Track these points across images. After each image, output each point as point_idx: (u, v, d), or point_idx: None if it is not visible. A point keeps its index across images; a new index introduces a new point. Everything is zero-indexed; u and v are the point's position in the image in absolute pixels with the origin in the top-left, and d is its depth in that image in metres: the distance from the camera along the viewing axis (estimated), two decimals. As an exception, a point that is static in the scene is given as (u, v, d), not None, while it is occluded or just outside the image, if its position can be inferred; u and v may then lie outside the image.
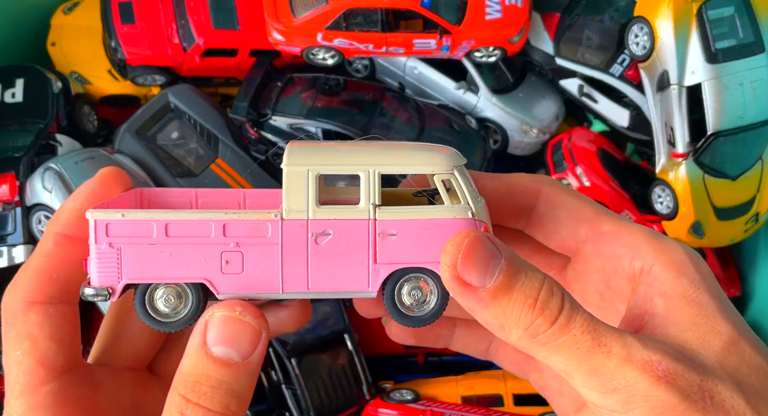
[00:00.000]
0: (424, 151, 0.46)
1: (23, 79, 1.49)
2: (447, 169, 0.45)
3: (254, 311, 0.42)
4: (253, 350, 0.41)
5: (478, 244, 0.41)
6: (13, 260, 1.32)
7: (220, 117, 1.56)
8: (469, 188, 0.46)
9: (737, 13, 1.31)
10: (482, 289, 0.40)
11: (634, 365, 0.38)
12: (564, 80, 1.59)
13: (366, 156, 0.45)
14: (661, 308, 0.42)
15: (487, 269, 0.40)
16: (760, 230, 1.48)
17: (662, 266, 0.43)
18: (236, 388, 0.41)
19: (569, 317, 0.39)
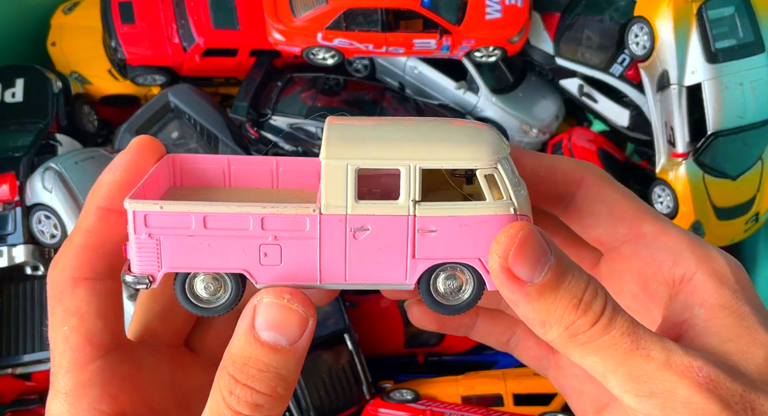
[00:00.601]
0: (467, 144, 0.44)
1: (23, 79, 1.49)
2: (491, 163, 0.44)
3: (302, 298, 0.43)
4: (300, 336, 0.42)
5: (532, 239, 0.40)
6: (13, 260, 1.32)
7: (220, 117, 1.56)
8: (512, 178, 0.44)
9: (737, 13, 1.31)
10: (530, 284, 0.40)
11: (673, 370, 0.37)
12: (564, 80, 1.59)
13: (407, 150, 0.44)
14: (701, 318, 0.41)
15: (537, 264, 0.40)
16: (760, 230, 1.48)
17: (704, 276, 0.42)
18: (283, 372, 0.41)
19: (611, 318, 0.39)
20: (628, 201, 0.47)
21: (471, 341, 1.50)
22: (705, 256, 0.43)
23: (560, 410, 1.33)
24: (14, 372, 1.38)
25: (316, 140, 1.51)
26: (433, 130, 0.47)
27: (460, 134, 0.46)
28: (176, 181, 0.53)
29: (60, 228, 1.32)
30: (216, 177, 0.53)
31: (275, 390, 0.41)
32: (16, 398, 1.43)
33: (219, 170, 0.53)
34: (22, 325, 1.36)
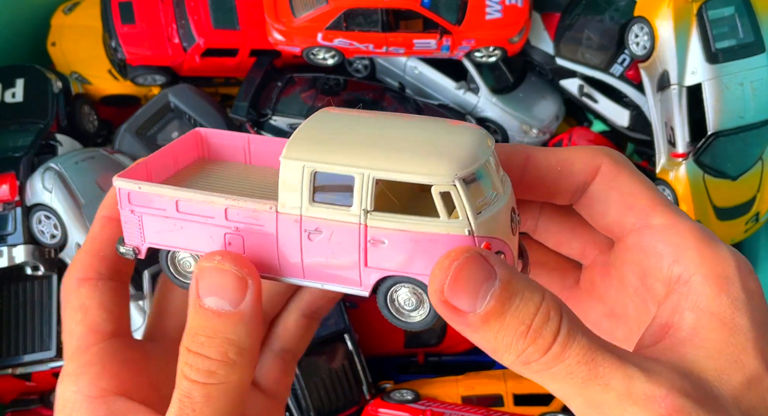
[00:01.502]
0: (426, 157, 0.42)
1: (23, 79, 1.49)
2: (447, 181, 0.41)
3: (236, 258, 0.42)
4: (241, 298, 0.41)
5: (469, 266, 0.37)
6: (13, 260, 1.32)
7: (220, 117, 1.56)
8: (471, 203, 0.41)
9: (737, 13, 1.31)
10: (472, 314, 0.37)
11: (634, 401, 0.35)
12: (564, 80, 1.59)
13: (364, 158, 0.42)
14: (688, 324, 0.38)
15: (477, 293, 0.37)
16: (760, 230, 1.48)
17: (703, 278, 0.39)
18: (233, 337, 0.41)
19: (564, 345, 0.36)
20: (643, 190, 0.44)
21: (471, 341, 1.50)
22: (710, 256, 0.40)
23: (560, 410, 1.33)
24: (14, 372, 1.38)
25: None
26: (405, 136, 0.44)
27: (427, 145, 0.43)
28: (204, 153, 0.56)
29: (60, 228, 1.32)
30: (237, 154, 0.55)
31: (226, 355, 0.41)
32: (16, 398, 1.43)
33: (240, 147, 0.55)
34: (22, 325, 1.36)
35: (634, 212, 0.44)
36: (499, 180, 0.44)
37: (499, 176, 0.44)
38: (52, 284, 1.37)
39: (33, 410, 1.40)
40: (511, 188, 0.45)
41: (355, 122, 0.47)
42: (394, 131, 0.45)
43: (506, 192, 0.44)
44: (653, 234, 0.43)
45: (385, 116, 0.48)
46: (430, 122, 0.47)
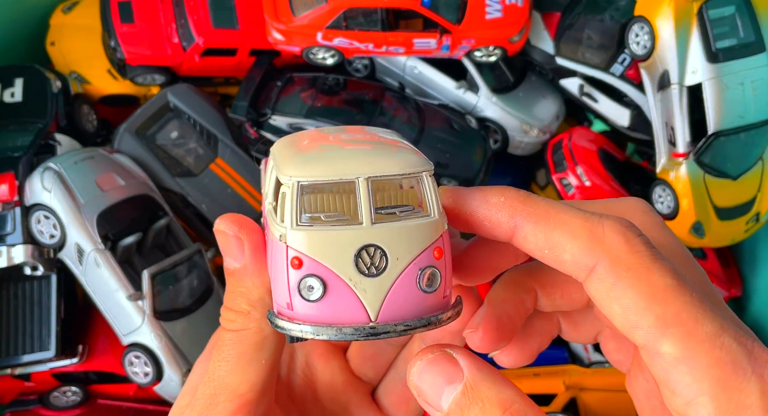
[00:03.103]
0: (305, 160, 0.40)
1: (22, 79, 1.49)
2: (286, 180, 0.39)
3: (231, 218, 0.44)
4: (242, 254, 0.44)
5: (433, 367, 0.37)
6: (12, 260, 1.32)
7: (219, 117, 1.55)
8: (294, 208, 0.39)
9: (738, 13, 1.31)
10: (440, 413, 0.37)
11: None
12: (564, 80, 1.59)
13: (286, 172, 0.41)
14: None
15: (441, 395, 0.37)
16: (760, 230, 1.47)
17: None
18: (242, 290, 0.44)
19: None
20: (656, 302, 0.34)
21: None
22: (730, 406, 0.33)
23: (560, 410, 1.33)
24: (13, 372, 1.38)
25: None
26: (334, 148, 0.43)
27: (332, 153, 0.42)
28: None
29: (59, 228, 1.32)
30: None
31: (240, 306, 0.44)
32: (16, 398, 1.43)
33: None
34: (22, 325, 1.36)
35: (641, 332, 0.35)
36: (368, 211, 0.38)
37: (371, 208, 0.39)
38: (51, 284, 1.37)
39: (32, 410, 1.39)
40: (402, 238, 0.39)
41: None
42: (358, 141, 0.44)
43: (368, 226, 0.39)
44: (663, 365, 0.35)
45: (347, 136, 0.45)
46: (377, 145, 0.44)
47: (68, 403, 1.40)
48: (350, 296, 0.38)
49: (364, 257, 0.38)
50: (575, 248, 0.37)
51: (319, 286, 0.38)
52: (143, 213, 1.40)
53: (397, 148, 0.41)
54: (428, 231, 0.39)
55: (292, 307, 0.38)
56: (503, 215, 0.39)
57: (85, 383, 1.43)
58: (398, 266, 0.38)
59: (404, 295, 0.38)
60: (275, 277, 0.39)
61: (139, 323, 1.31)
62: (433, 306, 0.39)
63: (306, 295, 0.38)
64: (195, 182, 1.51)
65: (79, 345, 1.40)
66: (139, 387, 1.41)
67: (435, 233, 0.39)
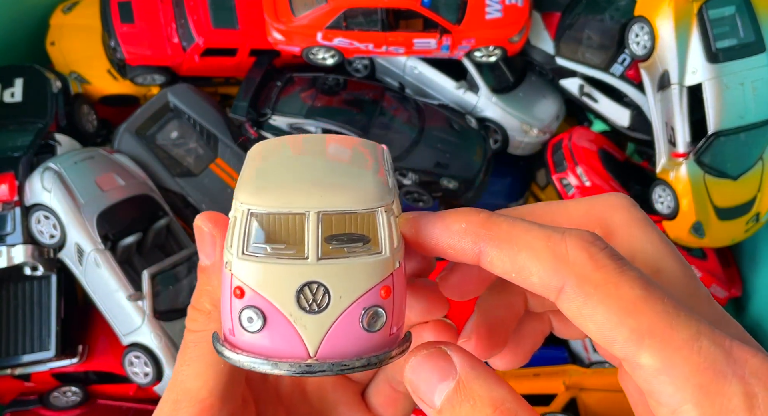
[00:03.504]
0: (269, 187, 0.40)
1: (22, 79, 1.49)
2: (238, 205, 0.39)
3: (210, 215, 0.43)
4: (213, 252, 0.43)
5: (426, 364, 0.37)
6: (12, 260, 1.32)
7: (219, 117, 1.55)
8: (242, 236, 0.38)
9: (738, 13, 1.31)
10: (434, 409, 0.37)
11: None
12: (564, 80, 1.59)
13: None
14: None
15: (434, 392, 0.37)
16: (760, 230, 1.47)
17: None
18: (208, 288, 0.44)
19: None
20: (629, 317, 0.34)
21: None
22: (710, 412, 0.33)
23: (560, 410, 1.33)
24: (13, 372, 1.38)
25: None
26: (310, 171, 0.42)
27: (305, 177, 0.41)
28: None
29: (59, 228, 1.32)
30: None
31: (203, 306, 0.44)
32: (16, 398, 1.43)
33: None
34: (21, 325, 1.36)
35: (618, 347, 0.35)
36: (315, 246, 0.38)
37: (318, 243, 0.38)
38: (51, 285, 1.37)
39: (32, 410, 1.39)
40: (347, 281, 0.38)
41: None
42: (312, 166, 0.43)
43: (313, 262, 0.38)
44: (645, 377, 0.34)
45: (309, 156, 0.44)
46: (334, 165, 0.43)
47: (68, 403, 1.40)
48: (290, 331, 0.38)
49: (307, 293, 0.38)
50: (541, 270, 0.36)
51: (258, 318, 0.38)
52: (143, 213, 1.41)
53: (360, 176, 0.40)
54: (376, 270, 0.38)
55: (234, 334, 0.38)
56: (466, 242, 0.39)
57: (85, 383, 1.43)
58: (341, 304, 0.38)
59: (346, 333, 0.38)
60: (222, 301, 0.39)
61: (139, 323, 1.31)
62: (375, 345, 0.38)
63: (246, 325, 0.38)
64: (195, 182, 1.51)
65: (79, 345, 1.40)
66: (139, 387, 1.41)
67: (383, 271, 0.38)
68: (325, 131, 1.50)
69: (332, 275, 0.38)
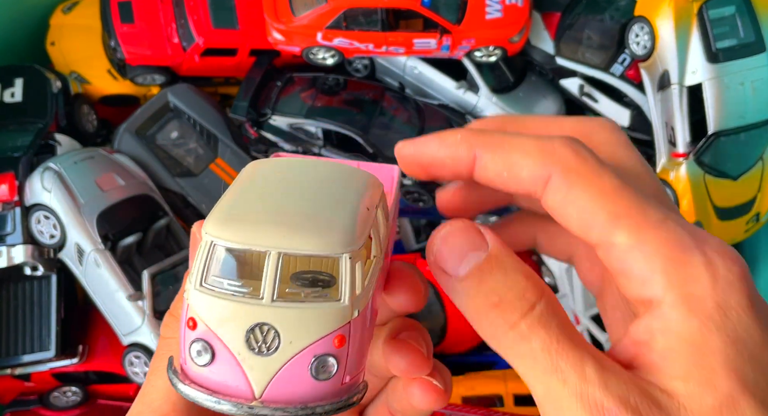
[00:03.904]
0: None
1: (22, 79, 1.49)
2: (205, 235, 0.38)
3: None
4: None
5: (458, 234, 0.40)
6: (12, 260, 1.32)
7: (219, 117, 1.56)
8: (205, 266, 0.37)
9: (738, 13, 1.31)
10: (455, 277, 0.39)
11: (584, 403, 0.34)
12: (564, 80, 1.59)
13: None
14: (660, 346, 0.37)
15: (461, 259, 0.39)
16: (760, 230, 1.47)
17: (673, 302, 0.36)
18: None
19: (532, 327, 0.36)
20: (606, 201, 0.38)
21: (471, 341, 1.50)
22: (681, 277, 0.36)
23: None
24: (13, 372, 1.38)
25: (316, 140, 1.51)
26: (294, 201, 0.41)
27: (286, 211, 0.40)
28: None
29: (59, 228, 1.32)
30: None
31: (178, 311, 0.43)
32: (16, 398, 1.43)
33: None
34: (21, 325, 1.36)
35: (595, 231, 0.39)
36: (271, 287, 0.37)
37: (275, 284, 0.37)
38: (51, 285, 1.37)
39: (32, 410, 1.39)
40: (296, 328, 0.37)
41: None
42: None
43: (267, 303, 0.37)
44: (618, 255, 0.38)
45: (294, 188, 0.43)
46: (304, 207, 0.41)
47: (68, 403, 1.40)
48: (237, 371, 0.37)
49: (257, 334, 0.37)
50: (530, 164, 0.40)
51: (207, 353, 0.37)
52: (143, 213, 1.41)
53: (335, 217, 0.38)
54: (332, 319, 0.37)
55: (185, 363, 0.38)
56: (462, 149, 0.42)
57: (85, 383, 1.44)
58: (290, 349, 0.37)
59: (293, 379, 0.37)
60: (181, 327, 0.38)
61: (139, 323, 1.31)
62: (324, 394, 0.38)
63: (195, 358, 0.37)
64: (195, 182, 1.51)
65: (79, 345, 1.41)
66: (139, 387, 1.41)
67: (339, 320, 0.37)
68: (325, 131, 1.50)
69: (285, 319, 0.37)
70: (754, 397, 0.34)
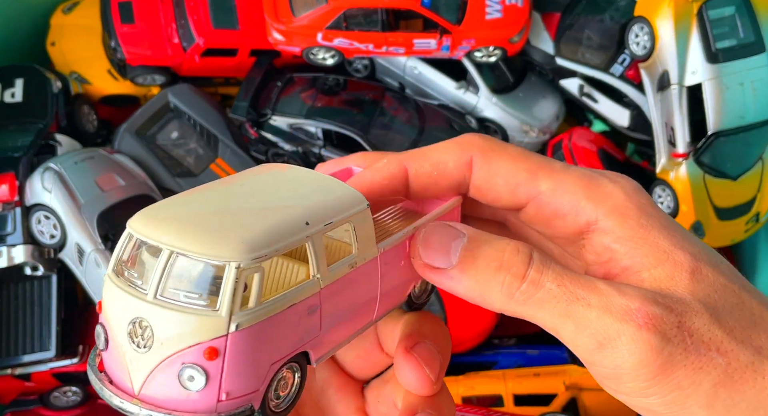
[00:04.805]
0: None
1: (23, 79, 1.49)
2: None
3: None
4: None
5: (436, 230, 0.44)
6: (12, 260, 1.32)
7: (220, 117, 1.56)
8: (118, 258, 0.38)
9: (738, 13, 1.31)
10: (450, 268, 0.42)
11: (614, 315, 0.39)
12: (564, 80, 1.59)
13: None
14: (621, 253, 0.42)
15: (449, 249, 0.42)
16: (760, 230, 1.47)
17: (606, 216, 0.43)
18: None
19: (539, 271, 0.40)
20: (519, 163, 0.46)
21: (471, 341, 1.50)
22: (600, 196, 0.44)
23: (560, 410, 1.33)
24: (13, 372, 1.38)
25: (316, 140, 1.51)
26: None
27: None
28: None
29: (59, 228, 1.32)
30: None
31: None
32: (16, 398, 1.43)
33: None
34: (22, 325, 1.36)
35: (522, 188, 0.46)
36: (156, 283, 0.37)
37: (160, 281, 0.37)
38: (51, 285, 1.37)
39: (32, 410, 1.39)
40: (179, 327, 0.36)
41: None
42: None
43: (151, 299, 0.36)
44: (547, 201, 0.45)
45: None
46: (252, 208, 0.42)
47: (68, 403, 1.40)
48: (121, 361, 0.37)
49: (137, 328, 0.36)
50: (453, 155, 0.47)
51: (101, 338, 0.38)
52: (143, 213, 1.41)
53: (250, 224, 0.38)
54: (204, 328, 0.35)
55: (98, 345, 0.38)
56: (393, 166, 0.47)
57: (86, 383, 1.44)
58: (162, 351, 0.36)
59: (165, 383, 0.36)
60: None
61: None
62: (195, 407, 0.36)
63: (96, 341, 0.38)
64: (195, 182, 1.51)
65: (80, 345, 1.41)
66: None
67: (212, 332, 0.35)
68: (325, 131, 1.50)
69: (160, 318, 0.36)
70: (705, 262, 0.41)
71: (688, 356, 0.38)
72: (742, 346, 0.39)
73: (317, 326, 0.40)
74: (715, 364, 0.38)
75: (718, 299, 0.40)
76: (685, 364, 0.38)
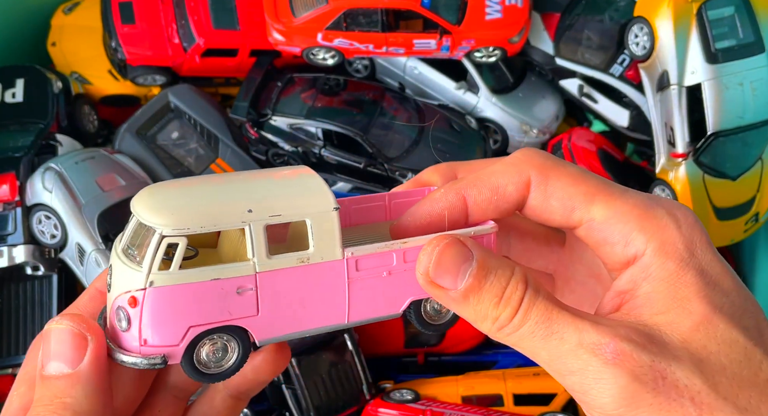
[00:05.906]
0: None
1: (23, 80, 1.49)
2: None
3: (75, 317, 0.43)
4: (80, 357, 0.41)
5: (448, 250, 0.44)
6: (13, 260, 1.32)
7: (220, 117, 1.56)
8: (131, 237, 0.46)
9: (737, 13, 1.31)
10: (454, 291, 0.43)
11: (585, 349, 0.40)
12: (564, 80, 1.59)
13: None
14: (644, 290, 0.43)
15: (458, 273, 0.43)
16: (760, 230, 1.48)
17: (652, 251, 0.43)
18: (68, 400, 0.40)
19: (527, 309, 0.42)
20: (575, 186, 0.46)
21: (471, 341, 1.50)
22: (654, 229, 0.44)
23: (560, 410, 1.33)
24: (14, 372, 1.38)
25: (316, 141, 1.51)
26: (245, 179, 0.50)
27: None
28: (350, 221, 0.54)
29: (60, 228, 1.32)
30: (378, 213, 0.55)
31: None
32: (17, 398, 1.43)
33: (381, 206, 0.54)
34: (22, 325, 1.36)
35: (576, 213, 0.46)
36: (126, 239, 0.46)
37: (129, 238, 0.46)
38: (52, 284, 1.37)
39: (33, 410, 1.40)
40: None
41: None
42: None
43: (119, 253, 0.46)
44: (599, 228, 0.45)
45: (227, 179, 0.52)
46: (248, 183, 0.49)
47: (69, 403, 1.40)
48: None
49: (110, 272, 0.46)
50: (512, 178, 0.47)
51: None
52: (144, 213, 1.41)
53: (201, 203, 0.44)
54: (130, 279, 0.42)
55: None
56: (451, 197, 0.48)
57: (86, 383, 1.44)
58: (113, 293, 0.44)
59: (112, 318, 0.44)
60: None
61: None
62: (123, 344, 0.43)
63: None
64: (195, 183, 1.52)
65: (80, 345, 1.41)
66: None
67: (134, 284, 0.42)
68: (325, 131, 1.50)
69: (116, 266, 0.44)
70: (723, 314, 0.40)
71: (656, 396, 0.38)
72: (723, 402, 0.38)
73: (252, 307, 0.44)
74: (686, 412, 0.38)
75: (716, 352, 0.39)
76: (651, 404, 0.38)
